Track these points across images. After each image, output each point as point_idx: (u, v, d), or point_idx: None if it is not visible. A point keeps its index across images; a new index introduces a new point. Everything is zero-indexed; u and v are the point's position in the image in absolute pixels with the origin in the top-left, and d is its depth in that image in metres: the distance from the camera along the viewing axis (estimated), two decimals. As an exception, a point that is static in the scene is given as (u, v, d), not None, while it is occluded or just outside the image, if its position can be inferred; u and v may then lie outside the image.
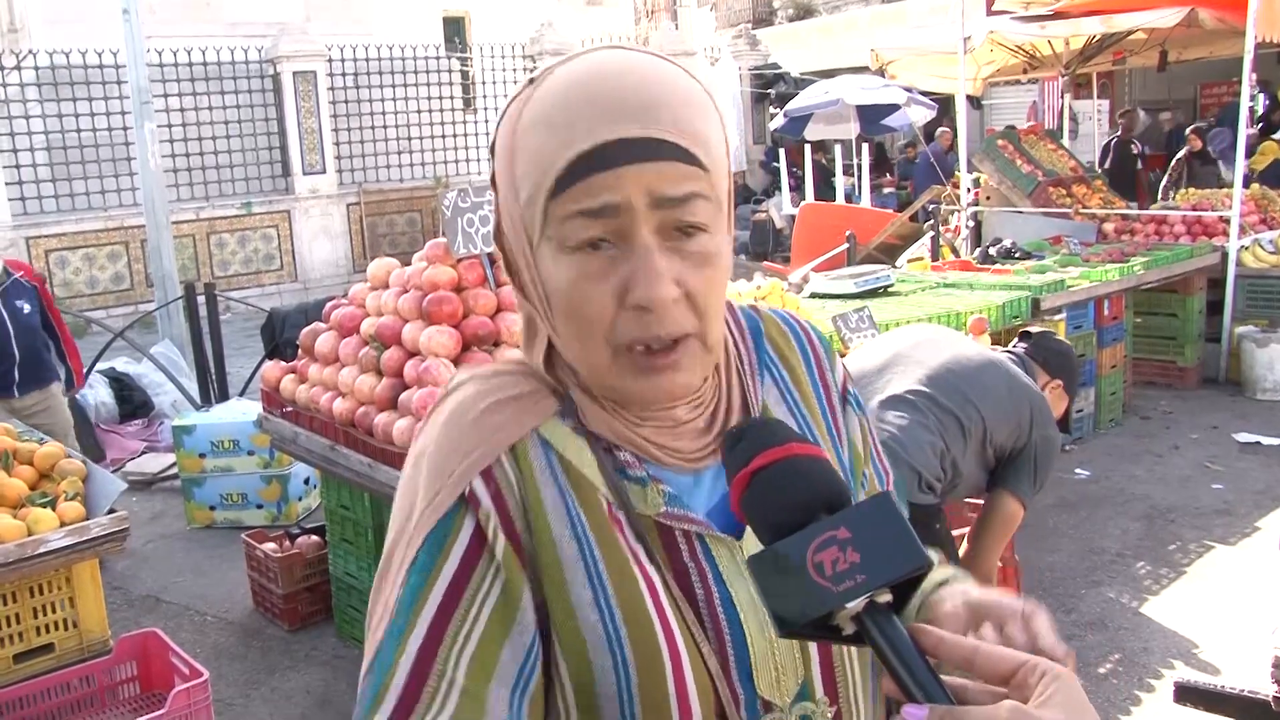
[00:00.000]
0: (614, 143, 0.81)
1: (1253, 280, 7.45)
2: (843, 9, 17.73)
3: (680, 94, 0.85)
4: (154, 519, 5.84)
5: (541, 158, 0.84)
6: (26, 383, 4.99)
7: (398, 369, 3.59)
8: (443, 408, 0.95)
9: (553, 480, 0.91)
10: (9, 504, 3.06)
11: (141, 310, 10.90)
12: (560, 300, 0.87)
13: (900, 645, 0.71)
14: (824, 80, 12.61)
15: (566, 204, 0.83)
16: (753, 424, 0.84)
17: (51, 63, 11.97)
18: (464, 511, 0.88)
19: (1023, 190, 8.70)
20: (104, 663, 3.12)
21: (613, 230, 0.83)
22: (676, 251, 0.85)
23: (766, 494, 0.77)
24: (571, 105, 0.84)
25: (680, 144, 0.83)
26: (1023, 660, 0.72)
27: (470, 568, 0.87)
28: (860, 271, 6.06)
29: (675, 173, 0.83)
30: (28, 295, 5.05)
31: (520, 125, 0.87)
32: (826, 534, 0.72)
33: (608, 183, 0.82)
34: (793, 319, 1.11)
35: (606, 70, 0.85)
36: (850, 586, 0.70)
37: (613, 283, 0.84)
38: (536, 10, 17.04)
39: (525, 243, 0.89)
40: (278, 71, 13.76)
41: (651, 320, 0.84)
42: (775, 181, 15.01)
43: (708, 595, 0.91)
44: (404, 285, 3.75)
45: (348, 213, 14.53)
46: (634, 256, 0.84)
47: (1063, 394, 3.33)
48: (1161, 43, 8.80)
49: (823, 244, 8.28)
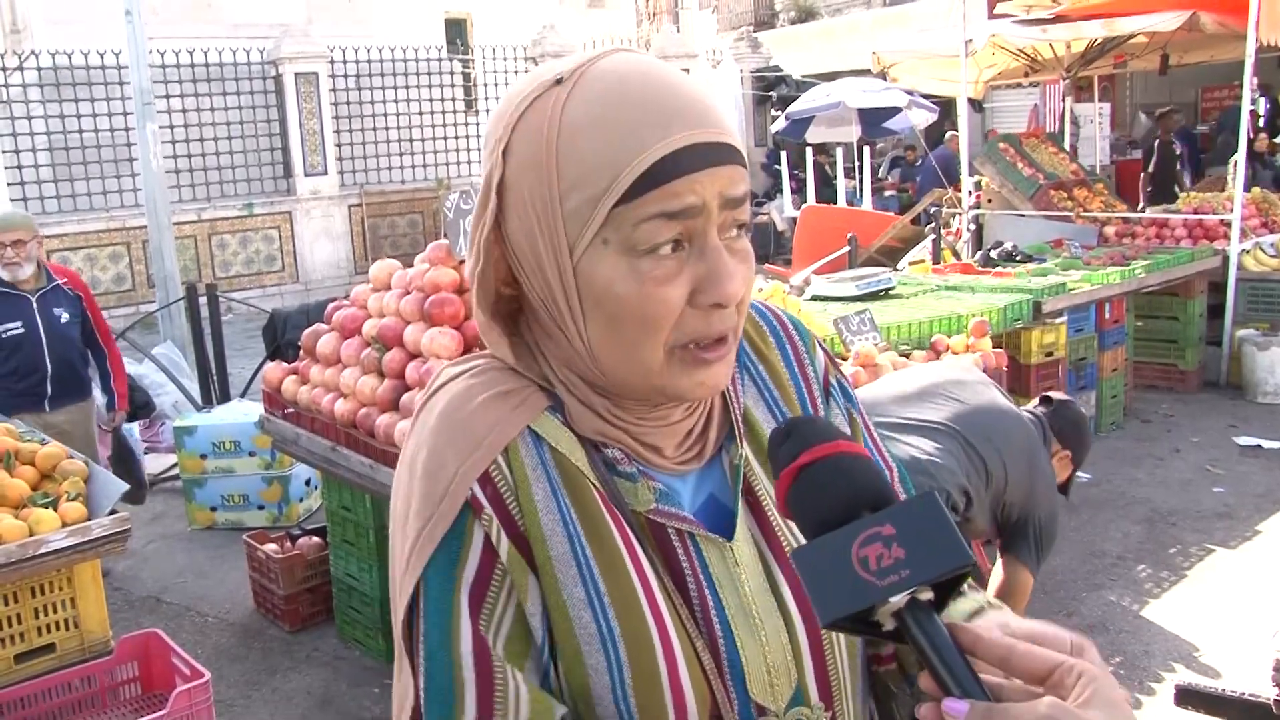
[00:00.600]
0: (692, 148, 0.83)
1: (1254, 284, 7.45)
2: (844, 12, 17.75)
3: (713, 97, 0.89)
4: (155, 520, 5.84)
5: (605, 162, 0.83)
6: (59, 397, 4.72)
7: (399, 370, 3.60)
8: (433, 405, 0.94)
9: (544, 476, 0.91)
10: (11, 504, 3.06)
11: (143, 311, 10.90)
12: (616, 303, 0.86)
13: (940, 642, 0.72)
14: (825, 83, 12.62)
15: (641, 208, 0.83)
16: (801, 420, 0.87)
17: (54, 63, 11.98)
18: (471, 519, 0.88)
19: (1024, 193, 8.69)
20: (105, 663, 3.11)
21: (688, 231, 0.85)
22: (731, 250, 0.87)
23: (813, 489, 0.79)
24: (631, 108, 0.84)
25: (737, 147, 0.87)
26: (1059, 660, 0.72)
27: (488, 576, 0.88)
28: (861, 274, 6.06)
29: (738, 175, 0.86)
30: (68, 304, 4.78)
31: (563, 127, 0.85)
32: (872, 529, 0.73)
33: (689, 186, 0.83)
34: (767, 310, 1.11)
35: (652, 73, 0.87)
36: (894, 581, 0.72)
37: (684, 282, 0.85)
38: (538, 12, 17.06)
39: (561, 247, 0.87)
40: (280, 73, 13.77)
41: (716, 318, 0.86)
42: (777, 184, 15.00)
43: (700, 595, 0.90)
44: (406, 287, 3.75)
45: (349, 214, 14.53)
46: (706, 256, 0.85)
47: (1069, 463, 3.38)
48: (1163, 46, 8.79)
49: (824, 246, 8.30)
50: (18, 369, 4.61)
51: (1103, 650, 3.86)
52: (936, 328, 5.06)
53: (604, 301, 0.86)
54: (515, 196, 0.88)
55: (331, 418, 3.84)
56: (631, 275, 0.84)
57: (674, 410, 0.94)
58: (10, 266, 4.57)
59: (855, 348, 4.43)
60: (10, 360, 4.60)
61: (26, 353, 4.60)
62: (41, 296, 4.69)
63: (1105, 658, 3.92)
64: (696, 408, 0.96)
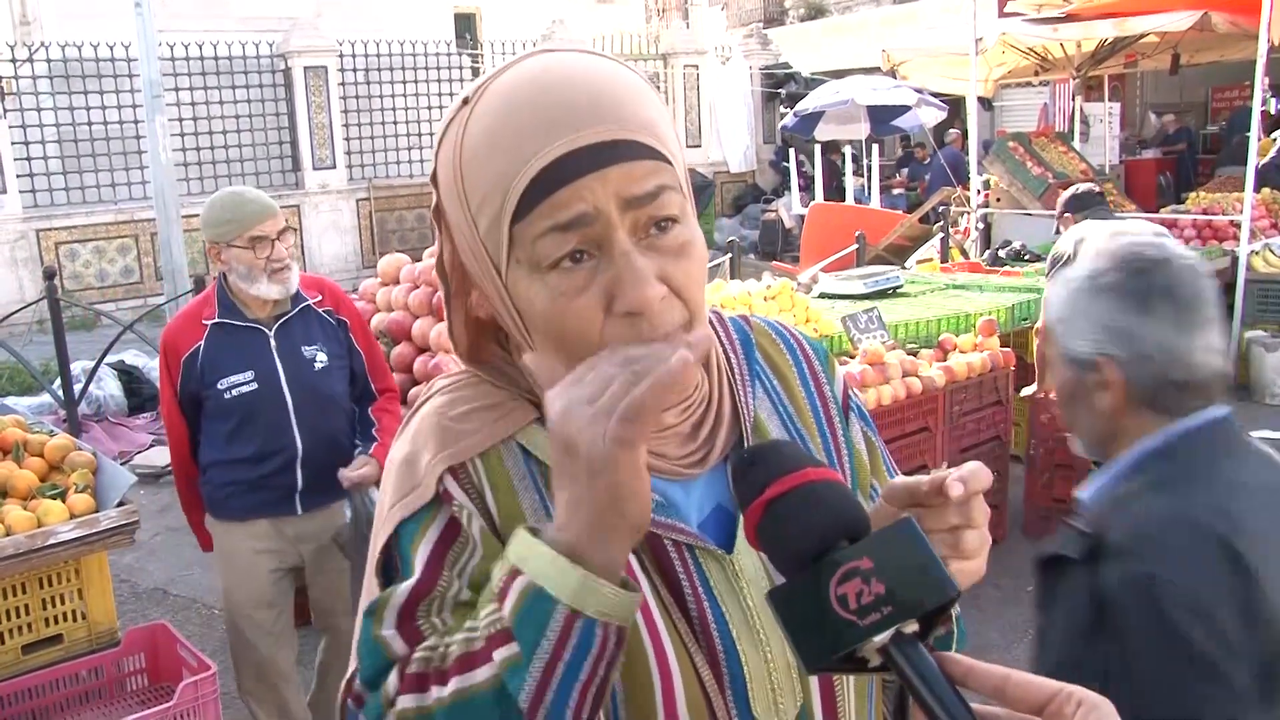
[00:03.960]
0: (573, 153, 0.78)
1: (1262, 285, 7.43)
2: (854, 9, 17.72)
3: (622, 88, 0.83)
4: (162, 512, 5.85)
5: (497, 181, 0.81)
6: (316, 491, 3.02)
7: (407, 364, 3.61)
8: (413, 418, 0.94)
9: (533, 488, 0.89)
10: (19, 495, 3.07)
11: (151, 303, 10.91)
12: (541, 321, 0.84)
13: (929, 676, 0.68)
14: (835, 80, 12.61)
15: (535, 224, 0.80)
16: (763, 448, 0.80)
17: (64, 55, 12.00)
18: (437, 506, 0.88)
19: (1033, 193, 8.69)
20: (113, 654, 3.12)
21: (588, 240, 0.80)
22: (653, 248, 0.82)
23: (784, 524, 0.73)
24: (517, 121, 0.80)
25: (638, 140, 0.81)
26: (1057, 689, 0.69)
27: (452, 538, 0.87)
28: (869, 272, 6.06)
29: (640, 170, 0.80)
30: (326, 336, 3.04)
31: (464, 150, 0.83)
32: (849, 565, 0.69)
33: (575, 194, 0.78)
34: (783, 328, 1.08)
35: (544, 78, 0.82)
36: (876, 620, 0.68)
37: (596, 293, 0.81)
38: (547, 7, 17.06)
39: (492, 270, 0.85)
40: (289, 66, 13.80)
41: (643, 323, 0.80)
42: (785, 181, 15.00)
43: (700, 609, 0.88)
44: (414, 281, 3.76)
45: (357, 208, 14.55)
46: (614, 262, 0.80)
47: None
48: (1174, 46, 8.78)
49: (832, 244, 8.30)
50: (252, 448, 2.94)
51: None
52: (944, 326, 5.06)
53: (533, 319, 0.85)
54: (448, 222, 0.88)
55: (339, 412, 3.84)
56: (544, 291, 0.82)
57: (664, 414, 0.91)
58: (279, 276, 2.92)
59: (863, 345, 4.43)
60: (241, 434, 2.94)
61: (263, 423, 2.93)
62: (283, 327, 2.99)
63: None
64: (692, 410, 0.94)
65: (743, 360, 1.01)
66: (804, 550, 0.72)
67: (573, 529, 0.74)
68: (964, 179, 9.99)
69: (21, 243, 12.05)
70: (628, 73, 0.85)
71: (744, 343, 1.02)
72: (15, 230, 11.98)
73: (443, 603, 0.84)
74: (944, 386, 4.49)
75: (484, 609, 0.77)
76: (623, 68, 0.86)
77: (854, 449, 1.04)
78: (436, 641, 0.80)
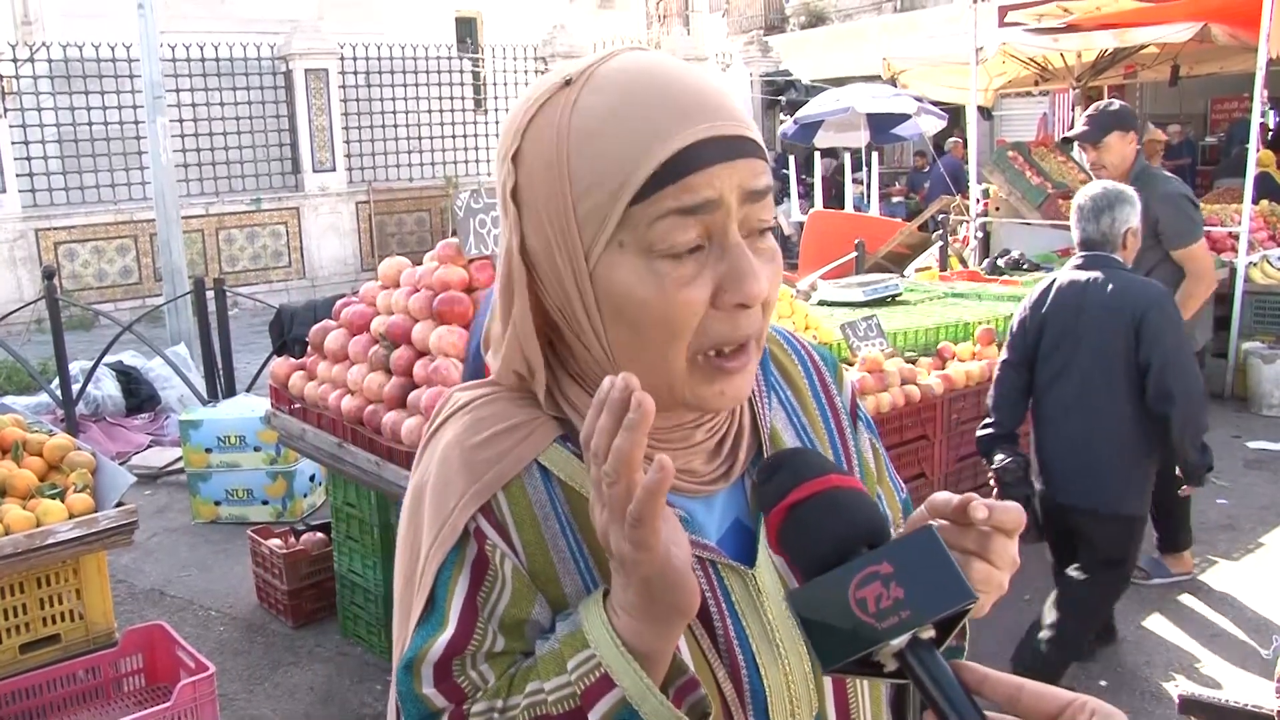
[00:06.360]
0: (708, 140, 0.80)
1: (1260, 296, 7.45)
2: (855, 17, 17.74)
3: (728, 91, 0.86)
4: (159, 513, 5.85)
5: (620, 159, 0.80)
6: None
7: (407, 368, 3.60)
8: (441, 435, 0.94)
9: (553, 513, 0.89)
10: (18, 495, 3.07)
11: (149, 304, 10.92)
12: (636, 308, 0.82)
13: (945, 682, 0.69)
14: (835, 88, 12.63)
15: (657, 204, 0.80)
16: (788, 454, 0.82)
17: (65, 55, 12.00)
18: (466, 541, 0.88)
19: (1032, 202, 8.69)
20: (110, 655, 3.12)
21: (706, 228, 0.81)
22: (754, 251, 0.84)
23: (806, 528, 0.75)
24: (645, 103, 0.81)
25: (757, 140, 0.84)
26: (1070, 699, 0.69)
27: (480, 577, 0.88)
28: (868, 280, 6.06)
29: (758, 168, 0.83)
30: None
31: (574, 128, 0.83)
32: (869, 569, 0.70)
33: (706, 180, 0.79)
34: (792, 337, 1.09)
35: (663, 68, 0.84)
36: (894, 623, 0.69)
37: (704, 284, 0.81)
38: (549, 12, 17.08)
39: (577, 253, 0.84)
40: (290, 68, 13.81)
41: (742, 320, 0.83)
42: (784, 188, 15.02)
43: (724, 624, 0.88)
44: (415, 285, 3.76)
45: (357, 211, 14.55)
46: (727, 254, 0.82)
47: None
48: (1173, 57, 8.79)
49: (831, 251, 8.30)
50: None
51: (1103, 660, 3.85)
52: (943, 334, 5.06)
53: (624, 307, 0.83)
54: (529, 204, 0.86)
55: (338, 414, 3.84)
56: (651, 278, 0.81)
57: (695, 431, 0.92)
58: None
59: (862, 353, 4.43)
60: None
61: None
62: None
63: (1106, 668, 3.90)
64: (718, 427, 0.94)
65: (760, 372, 1.01)
66: (825, 554, 0.73)
67: (629, 623, 0.79)
68: (963, 188, 10.00)
69: (20, 242, 12.05)
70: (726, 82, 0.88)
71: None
72: (14, 230, 11.98)
73: (478, 657, 0.87)
74: (942, 395, 4.49)
75: (550, 677, 0.81)
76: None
77: (863, 458, 1.05)
78: (489, 705, 0.84)
